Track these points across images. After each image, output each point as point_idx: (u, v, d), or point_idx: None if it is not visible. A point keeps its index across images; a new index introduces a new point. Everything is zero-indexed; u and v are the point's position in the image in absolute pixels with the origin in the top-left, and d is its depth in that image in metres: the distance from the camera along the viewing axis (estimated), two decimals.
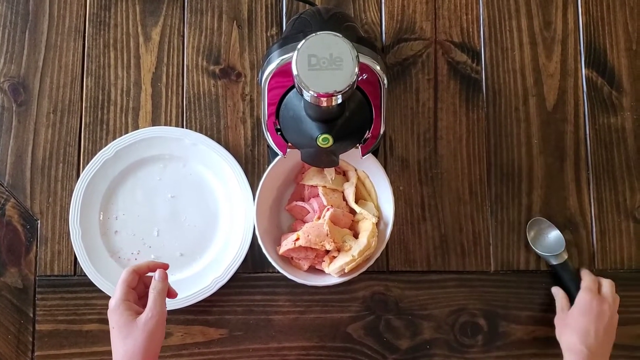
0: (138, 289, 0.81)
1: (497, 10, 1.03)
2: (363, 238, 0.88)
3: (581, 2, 1.03)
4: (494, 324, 0.96)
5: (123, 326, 0.75)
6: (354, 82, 0.63)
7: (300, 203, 0.93)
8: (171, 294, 0.82)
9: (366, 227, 0.89)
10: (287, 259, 0.92)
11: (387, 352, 0.95)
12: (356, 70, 0.63)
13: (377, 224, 0.91)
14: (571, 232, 0.98)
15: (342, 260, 0.87)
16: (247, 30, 1.01)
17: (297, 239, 0.87)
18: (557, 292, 0.95)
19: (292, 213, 0.96)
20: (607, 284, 0.92)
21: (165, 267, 0.82)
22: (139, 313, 0.77)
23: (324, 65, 0.62)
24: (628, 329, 0.96)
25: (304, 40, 0.63)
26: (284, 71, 0.79)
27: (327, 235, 0.87)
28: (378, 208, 0.92)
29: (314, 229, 0.88)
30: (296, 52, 0.63)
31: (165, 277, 0.80)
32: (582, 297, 0.90)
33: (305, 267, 0.90)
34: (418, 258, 0.97)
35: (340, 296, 0.96)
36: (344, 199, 0.93)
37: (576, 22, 1.03)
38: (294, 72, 0.63)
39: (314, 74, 0.62)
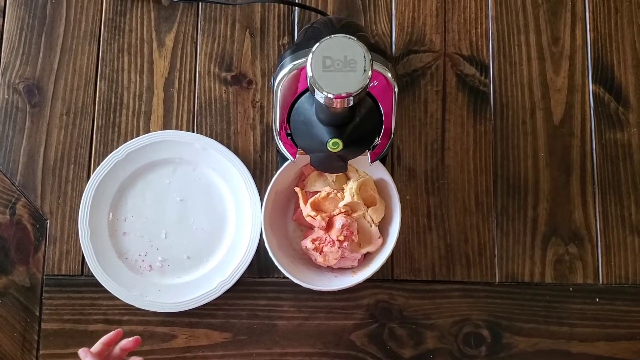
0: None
1: (506, 25, 1.04)
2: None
3: (589, 19, 1.05)
4: (498, 335, 0.96)
5: None
6: (367, 84, 0.64)
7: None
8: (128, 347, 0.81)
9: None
10: (292, 264, 0.93)
11: None
12: (369, 72, 0.64)
13: (383, 233, 0.92)
14: (576, 246, 0.99)
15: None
16: (259, 39, 1.03)
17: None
18: None
19: (300, 222, 0.96)
20: None
21: (117, 335, 0.82)
22: None
23: (338, 67, 0.64)
24: (632, 344, 0.96)
25: (319, 42, 0.64)
26: (296, 76, 0.80)
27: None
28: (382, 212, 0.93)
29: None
30: (311, 54, 0.64)
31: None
32: None
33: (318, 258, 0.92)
34: (423, 267, 0.98)
35: (345, 303, 0.97)
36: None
37: (584, 39, 1.04)
38: (309, 73, 0.64)
39: (328, 75, 0.64)
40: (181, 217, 0.98)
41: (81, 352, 0.79)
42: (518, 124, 1.02)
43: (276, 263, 0.89)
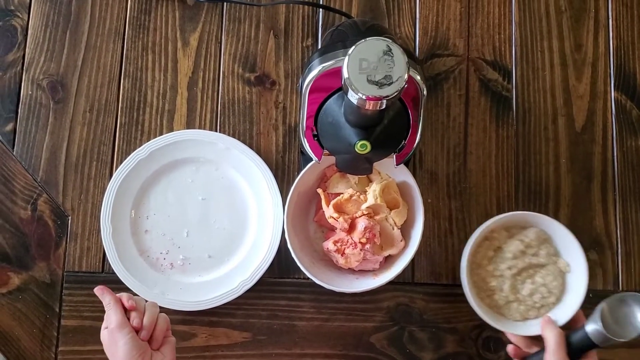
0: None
1: (529, 31, 1.04)
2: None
3: (612, 26, 1.05)
4: None
5: None
6: (403, 87, 0.64)
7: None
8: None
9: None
10: (314, 265, 0.93)
11: None
12: (406, 75, 0.64)
13: (405, 236, 0.92)
14: (597, 253, 0.99)
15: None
16: (283, 40, 1.03)
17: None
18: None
19: (321, 223, 0.96)
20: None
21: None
22: None
23: (375, 69, 0.64)
24: None
25: (355, 45, 0.64)
26: (324, 78, 0.80)
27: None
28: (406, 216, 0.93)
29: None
30: (347, 56, 0.64)
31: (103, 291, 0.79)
32: None
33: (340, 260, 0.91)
34: (444, 271, 0.98)
35: (365, 305, 0.97)
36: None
37: (607, 46, 1.04)
38: (345, 74, 0.64)
39: (365, 77, 0.64)
40: (203, 216, 0.98)
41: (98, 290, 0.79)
42: (540, 129, 1.02)
43: (298, 264, 0.89)
